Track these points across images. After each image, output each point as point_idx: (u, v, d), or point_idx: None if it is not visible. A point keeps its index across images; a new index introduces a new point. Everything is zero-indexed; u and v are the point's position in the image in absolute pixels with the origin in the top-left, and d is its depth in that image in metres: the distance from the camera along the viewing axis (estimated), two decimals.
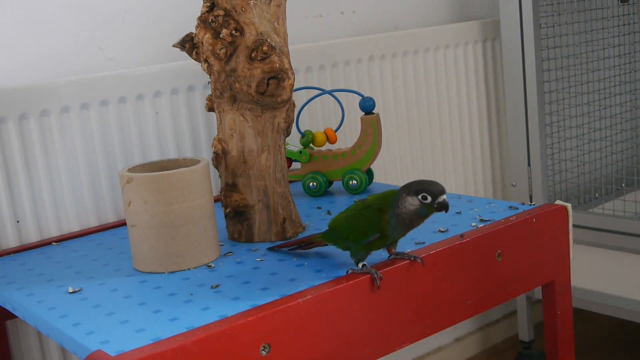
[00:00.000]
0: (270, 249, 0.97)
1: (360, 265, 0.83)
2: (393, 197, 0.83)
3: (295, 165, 1.26)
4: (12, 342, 1.10)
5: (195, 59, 1.01)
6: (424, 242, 0.92)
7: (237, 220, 1.01)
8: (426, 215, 0.82)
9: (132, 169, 0.95)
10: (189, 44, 1.00)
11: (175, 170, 0.90)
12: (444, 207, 0.80)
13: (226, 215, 1.02)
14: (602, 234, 1.48)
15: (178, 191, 0.89)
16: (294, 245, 0.94)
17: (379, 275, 0.81)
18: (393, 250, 0.86)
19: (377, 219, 0.82)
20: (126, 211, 0.92)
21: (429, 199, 0.80)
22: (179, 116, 1.25)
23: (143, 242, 0.91)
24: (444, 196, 0.80)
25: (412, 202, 0.80)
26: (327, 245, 0.91)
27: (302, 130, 1.24)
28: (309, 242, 0.93)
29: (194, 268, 0.91)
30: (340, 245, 0.87)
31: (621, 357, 1.69)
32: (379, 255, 0.87)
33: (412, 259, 0.84)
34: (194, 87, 1.26)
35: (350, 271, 0.83)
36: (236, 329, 0.71)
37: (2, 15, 1.12)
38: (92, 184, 1.17)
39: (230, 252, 0.97)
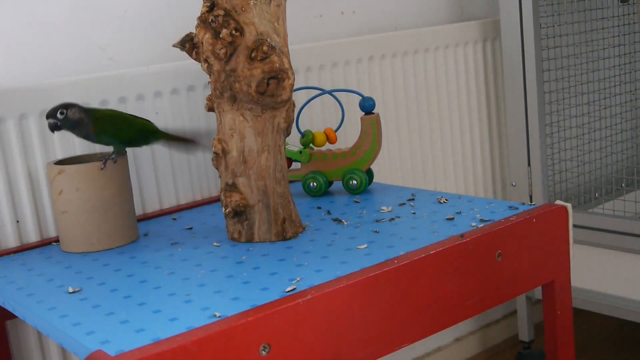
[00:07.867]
0: None
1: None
2: None
3: (295, 165, 1.26)
4: (12, 342, 1.10)
5: (195, 59, 1.01)
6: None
7: (237, 220, 1.01)
8: None
9: (57, 164, 1.06)
10: (189, 44, 1.00)
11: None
12: None
13: (226, 215, 1.02)
14: (602, 234, 1.48)
15: (107, 179, 1.04)
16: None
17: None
18: None
19: None
20: (56, 200, 1.03)
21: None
22: (179, 116, 1.25)
23: (75, 226, 1.03)
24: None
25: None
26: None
27: (302, 130, 1.24)
28: None
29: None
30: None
31: (621, 357, 1.69)
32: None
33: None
34: (194, 87, 1.26)
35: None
36: (236, 329, 0.71)
37: (2, 15, 1.12)
38: None
39: (230, 253, 0.97)
